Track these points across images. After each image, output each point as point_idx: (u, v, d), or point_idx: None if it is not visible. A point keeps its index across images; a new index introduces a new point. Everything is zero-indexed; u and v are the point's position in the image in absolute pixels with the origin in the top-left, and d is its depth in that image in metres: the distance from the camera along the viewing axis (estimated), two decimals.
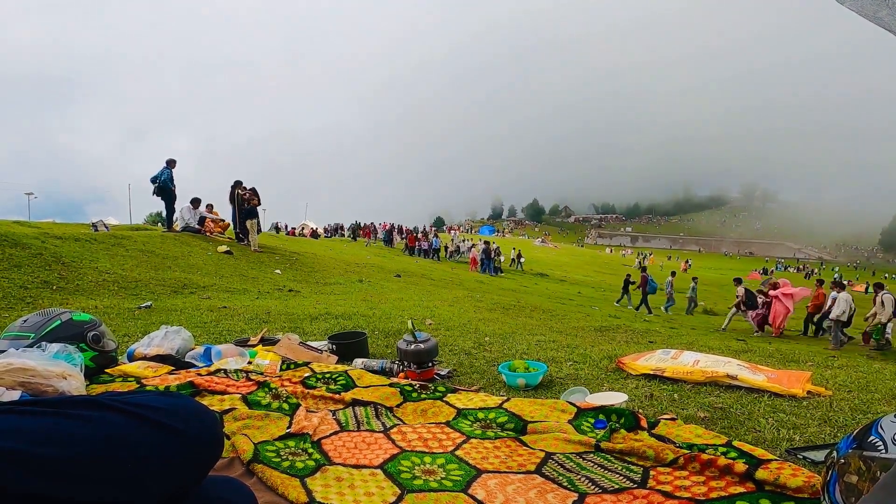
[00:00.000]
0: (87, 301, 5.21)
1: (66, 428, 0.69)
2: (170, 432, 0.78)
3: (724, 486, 1.35)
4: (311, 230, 33.65)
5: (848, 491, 0.99)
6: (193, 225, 11.59)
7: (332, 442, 1.72)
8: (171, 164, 11.21)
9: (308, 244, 20.81)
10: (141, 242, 8.99)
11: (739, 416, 2.05)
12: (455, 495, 1.36)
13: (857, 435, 1.04)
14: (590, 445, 1.66)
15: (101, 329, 2.38)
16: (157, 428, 0.77)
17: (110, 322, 3.91)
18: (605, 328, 5.59)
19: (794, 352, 4.48)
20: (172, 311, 4.71)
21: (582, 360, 3.19)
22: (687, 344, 4.56)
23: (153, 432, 0.76)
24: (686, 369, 2.70)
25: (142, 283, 6.52)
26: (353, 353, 3.00)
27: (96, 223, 10.63)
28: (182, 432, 0.80)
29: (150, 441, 0.76)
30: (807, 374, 2.71)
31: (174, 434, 0.78)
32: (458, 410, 2.02)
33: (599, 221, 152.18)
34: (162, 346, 2.65)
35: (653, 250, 77.50)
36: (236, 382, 2.22)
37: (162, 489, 0.77)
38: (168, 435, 0.78)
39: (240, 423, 1.78)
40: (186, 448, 0.80)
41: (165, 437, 0.77)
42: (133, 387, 2.20)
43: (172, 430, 0.78)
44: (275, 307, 5.32)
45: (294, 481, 1.40)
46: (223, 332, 3.78)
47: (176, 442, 0.79)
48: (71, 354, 2.07)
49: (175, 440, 0.78)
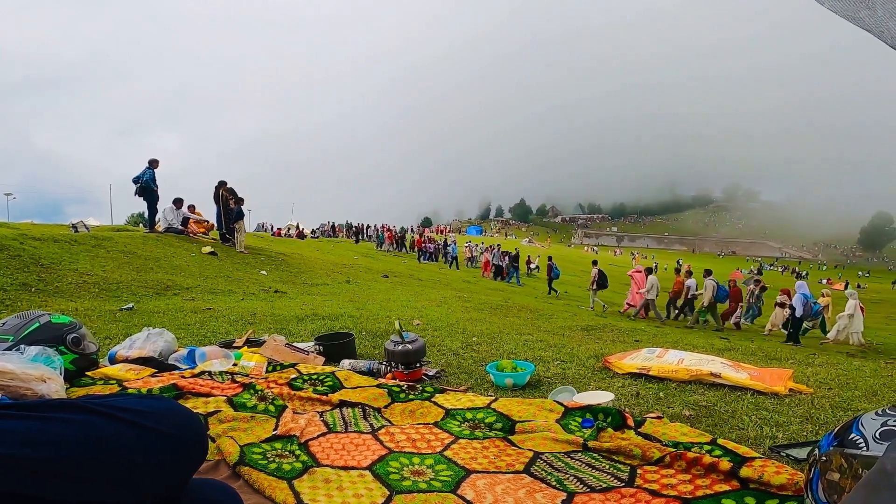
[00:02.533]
0: (67, 303, 5.11)
1: (52, 430, 0.69)
2: (152, 434, 0.78)
3: (709, 484, 1.36)
4: (298, 231, 33.41)
5: (831, 488, 1.00)
6: (176, 226, 11.44)
7: (320, 443, 1.70)
8: (153, 164, 11.05)
9: (295, 245, 20.65)
10: (122, 243, 8.84)
11: (723, 414, 2.08)
12: (444, 496, 1.36)
13: (839, 432, 1.06)
14: (578, 444, 1.67)
15: (80, 331, 2.34)
16: (139, 430, 0.76)
17: (91, 324, 3.84)
18: (591, 327, 5.63)
19: (775, 350, 4.55)
20: (155, 313, 4.64)
21: (569, 359, 3.21)
22: (672, 343, 4.61)
23: (135, 434, 0.76)
24: (671, 368, 2.72)
25: (123, 284, 6.41)
26: (340, 354, 2.98)
27: (76, 224, 10.44)
28: (164, 434, 0.79)
29: (132, 443, 0.75)
30: (788, 371, 2.75)
31: (156, 436, 0.78)
32: (446, 411, 2.02)
33: (586, 221, 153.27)
34: (144, 348, 2.61)
35: (640, 250, 78.25)
36: (221, 384, 2.19)
37: (147, 491, 0.77)
38: (150, 437, 0.77)
39: (225, 425, 1.76)
40: (169, 450, 0.80)
41: (147, 440, 0.77)
42: (115, 389, 2.16)
43: (154, 433, 0.78)
44: (261, 308, 5.26)
45: (281, 483, 1.38)
46: (207, 333, 3.73)
47: (158, 444, 0.78)
48: (50, 357, 2.03)
49: (157, 442, 0.78)
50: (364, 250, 23.97)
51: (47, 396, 1.76)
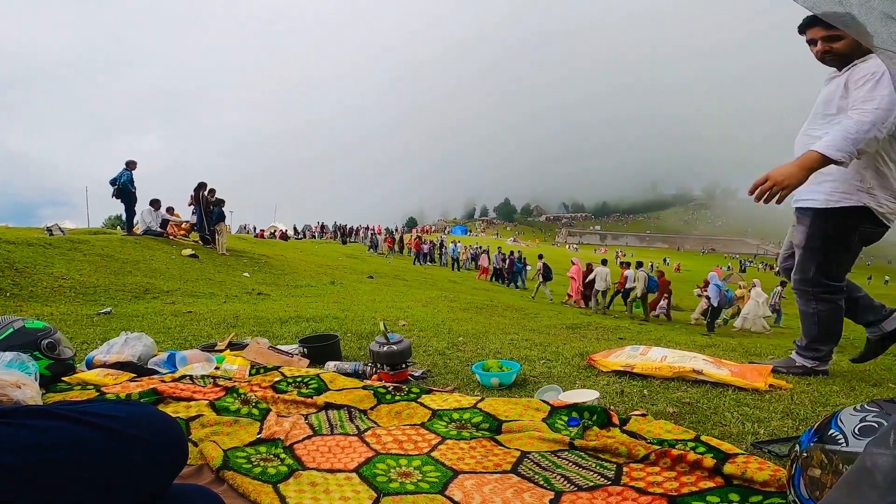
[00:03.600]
0: (43, 308, 4.98)
1: (23, 437, 0.68)
2: (128, 440, 0.77)
3: (694, 481, 1.38)
4: (281, 232, 33.12)
5: (812, 484, 1.01)
6: (155, 228, 11.25)
7: (306, 446, 1.68)
8: (130, 165, 10.85)
9: (278, 246, 20.44)
10: (99, 247, 8.65)
11: (706, 411, 2.11)
12: (432, 497, 1.35)
13: (818, 428, 1.07)
14: (564, 443, 1.67)
15: (55, 336, 2.29)
16: (114, 436, 0.76)
17: (67, 329, 3.75)
18: (576, 326, 5.67)
19: (755, 345, 4.63)
20: (134, 317, 4.55)
21: (554, 357, 3.22)
22: (655, 340, 4.66)
23: (109, 440, 0.75)
24: (654, 365, 2.75)
25: (101, 288, 6.27)
26: (325, 356, 2.95)
27: (51, 227, 10.19)
28: (141, 440, 0.78)
29: (106, 449, 0.74)
30: (767, 367, 2.80)
31: (132, 442, 0.77)
32: (432, 411, 2.01)
33: (570, 220, 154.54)
34: (122, 352, 2.55)
35: (623, 248, 79.13)
36: (203, 388, 2.16)
37: (123, 498, 0.76)
38: (126, 443, 0.77)
39: (208, 429, 1.73)
40: (146, 456, 0.79)
41: (123, 446, 0.76)
42: (93, 395, 2.11)
43: (131, 438, 0.77)
44: (243, 311, 5.19)
45: (266, 487, 1.36)
46: (188, 337, 3.67)
47: (135, 450, 0.77)
48: (25, 363, 1.99)
49: (134, 448, 0.77)
50: (349, 251, 23.81)
51: (23, 402, 1.73)
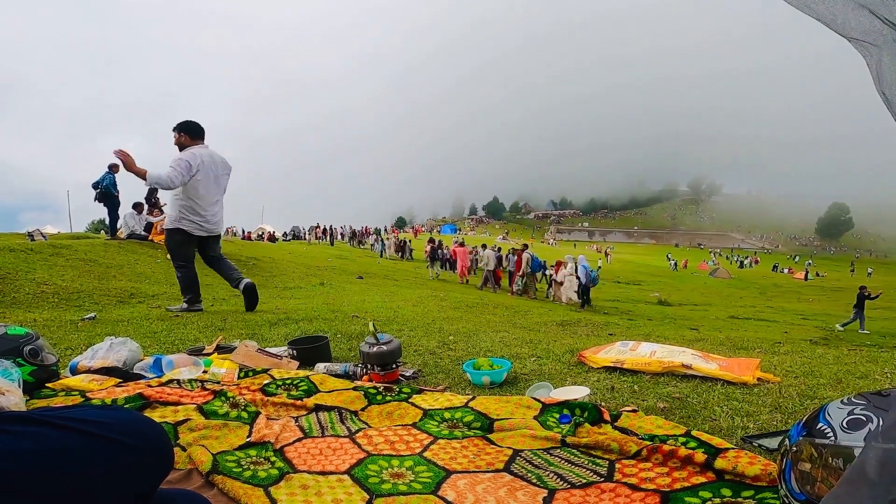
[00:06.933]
0: (25, 314, 4.88)
1: (4, 443, 0.67)
2: (112, 446, 0.76)
3: (686, 476, 1.38)
4: (269, 234, 32.85)
5: (803, 478, 1.02)
6: (139, 231, 11.08)
7: (296, 449, 1.67)
8: (113, 168, 10.67)
9: (266, 248, 20.28)
10: (83, 251, 8.51)
11: (696, 406, 2.12)
12: (425, 497, 1.34)
13: (807, 422, 1.08)
14: (556, 441, 1.68)
15: (38, 343, 2.25)
16: (98, 441, 0.75)
17: (51, 335, 3.67)
18: (566, 322, 5.69)
19: (743, 339, 4.69)
20: (119, 322, 4.47)
21: (545, 355, 3.23)
22: (644, 335, 4.69)
23: (92, 446, 0.74)
24: (644, 360, 2.77)
25: (84, 293, 6.17)
26: (314, 357, 2.92)
27: (32, 232, 10.02)
28: (125, 445, 0.78)
29: (89, 455, 0.73)
30: (755, 360, 2.83)
31: (116, 447, 0.77)
32: (424, 411, 2.00)
33: (558, 217, 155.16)
34: (107, 357, 2.50)
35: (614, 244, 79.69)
36: (191, 392, 2.13)
37: (110, 503, 0.75)
38: (110, 449, 0.76)
39: (196, 433, 1.70)
40: (131, 462, 0.78)
41: (107, 451, 0.75)
42: (78, 400, 2.08)
43: (114, 444, 0.77)
44: (231, 314, 5.13)
45: (257, 491, 1.34)
46: (175, 341, 3.62)
47: (119, 456, 0.77)
48: (7, 370, 1.95)
49: (118, 454, 0.77)
50: (337, 252, 23.67)
51: (7, 409, 1.70)
